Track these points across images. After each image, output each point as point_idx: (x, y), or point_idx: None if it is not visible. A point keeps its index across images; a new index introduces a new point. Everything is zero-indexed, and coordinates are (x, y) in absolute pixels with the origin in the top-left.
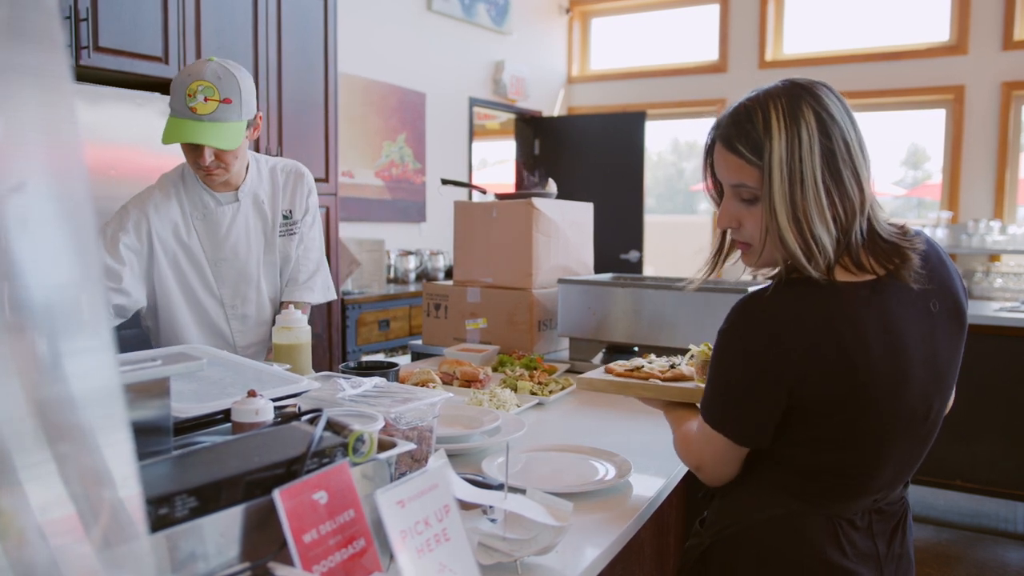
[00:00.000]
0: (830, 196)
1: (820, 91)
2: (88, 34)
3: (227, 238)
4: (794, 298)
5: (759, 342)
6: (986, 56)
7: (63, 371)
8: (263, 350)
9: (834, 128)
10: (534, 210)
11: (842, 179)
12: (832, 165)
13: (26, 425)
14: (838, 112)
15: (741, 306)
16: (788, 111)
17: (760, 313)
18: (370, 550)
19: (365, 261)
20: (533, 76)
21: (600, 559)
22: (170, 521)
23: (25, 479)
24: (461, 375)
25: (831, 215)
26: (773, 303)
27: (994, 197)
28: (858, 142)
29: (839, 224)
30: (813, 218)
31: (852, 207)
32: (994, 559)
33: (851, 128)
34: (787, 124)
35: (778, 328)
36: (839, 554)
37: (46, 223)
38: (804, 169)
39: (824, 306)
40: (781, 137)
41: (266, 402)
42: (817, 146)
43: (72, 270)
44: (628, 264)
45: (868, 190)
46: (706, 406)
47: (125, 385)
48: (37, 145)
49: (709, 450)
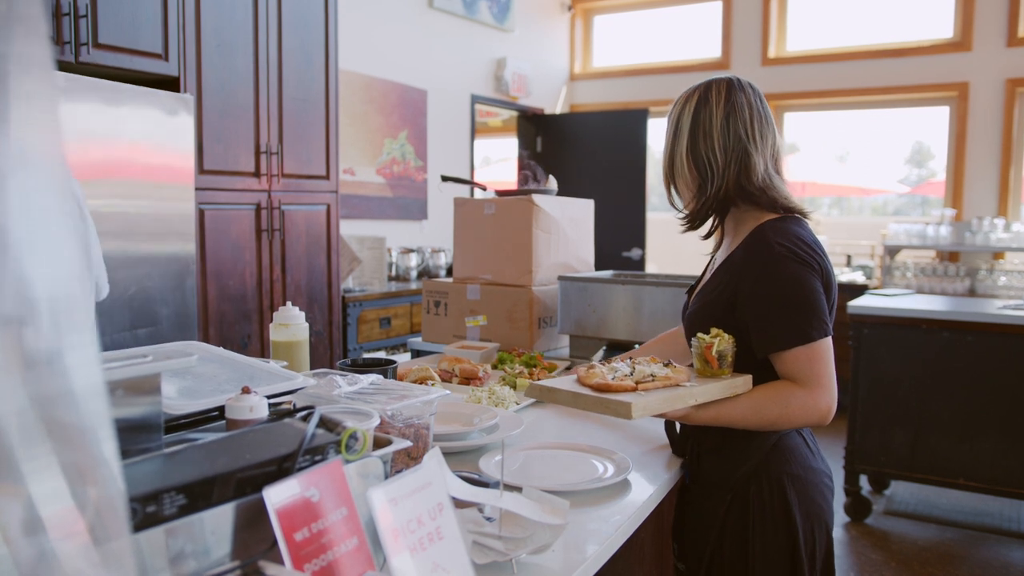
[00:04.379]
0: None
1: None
2: (88, 30)
3: None
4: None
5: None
6: (990, 53)
7: (59, 366)
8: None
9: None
10: (534, 207)
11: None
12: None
13: (27, 419)
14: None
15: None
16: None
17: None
18: (363, 549)
19: (366, 259)
20: (535, 73)
21: (598, 558)
22: (158, 519)
23: (26, 472)
24: (460, 372)
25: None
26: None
27: (998, 195)
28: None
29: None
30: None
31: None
32: (997, 558)
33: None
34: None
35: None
36: (813, 457)
37: (28, 212)
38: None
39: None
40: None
41: (260, 399)
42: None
43: (61, 261)
44: (630, 262)
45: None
46: (804, 325)
47: (115, 381)
48: (19, 136)
49: (827, 368)
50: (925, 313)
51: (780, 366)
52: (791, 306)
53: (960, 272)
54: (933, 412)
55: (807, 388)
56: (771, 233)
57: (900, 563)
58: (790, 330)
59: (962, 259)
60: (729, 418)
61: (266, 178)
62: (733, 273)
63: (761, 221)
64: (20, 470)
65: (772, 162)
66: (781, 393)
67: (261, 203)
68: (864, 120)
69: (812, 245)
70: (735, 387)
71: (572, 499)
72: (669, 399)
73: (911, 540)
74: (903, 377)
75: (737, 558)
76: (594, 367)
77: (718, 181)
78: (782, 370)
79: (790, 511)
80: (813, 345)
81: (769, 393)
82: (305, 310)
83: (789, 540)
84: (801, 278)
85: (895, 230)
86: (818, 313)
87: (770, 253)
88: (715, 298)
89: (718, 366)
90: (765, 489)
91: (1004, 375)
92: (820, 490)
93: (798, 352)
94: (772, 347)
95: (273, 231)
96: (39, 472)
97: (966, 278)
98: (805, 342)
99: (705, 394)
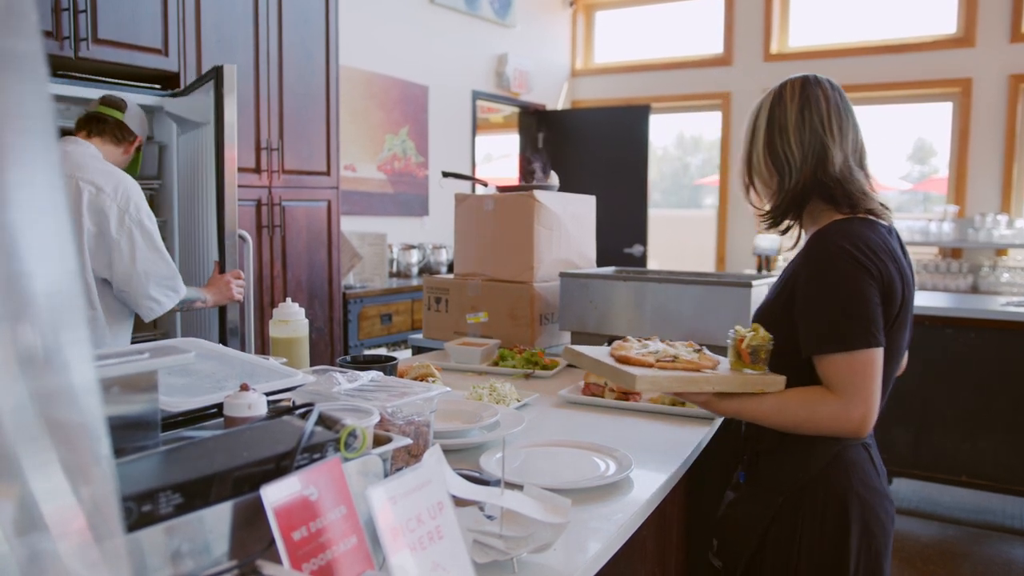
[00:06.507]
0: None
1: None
2: (87, 26)
3: None
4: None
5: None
6: (994, 48)
7: (56, 363)
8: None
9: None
10: (535, 203)
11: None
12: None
13: (26, 416)
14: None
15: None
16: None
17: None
18: (362, 548)
19: (367, 255)
20: (537, 69)
21: (599, 556)
22: (154, 518)
23: (27, 468)
24: (617, 387)
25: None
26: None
27: (1001, 191)
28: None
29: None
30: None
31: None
32: (999, 556)
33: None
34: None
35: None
36: (877, 476)
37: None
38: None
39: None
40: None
41: (259, 396)
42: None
43: (57, 257)
44: (632, 258)
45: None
46: (847, 331)
47: (111, 379)
48: (13, 130)
49: (867, 379)
50: (928, 310)
51: (820, 371)
52: (838, 310)
53: (963, 269)
54: (936, 409)
55: (841, 397)
56: (833, 232)
57: (903, 560)
58: (832, 334)
59: (965, 256)
60: (751, 413)
61: (266, 174)
62: (792, 273)
63: (830, 221)
64: (20, 466)
65: (854, 157)
66: (811, 398)
67: (262, 199)
68: (866, 116)
69: (876, 250)
70: (761, 384)
71: (573, 497)
72: (679, 380)
73: (914, 537)
74: (906, 374)
75: (779, 570)
76: (628, 340)
77: (795, 175)
78: (821, 375)
79: (847, 535)
80: (855, 353)
81: (799, 395)
82: (306, 306)
83: (838, 565)
84: (854, 282)
85: (898, 226)
86: (865, 321)
87: (827, 252)
88: (776, 298)
89: (749, 361)
90: (821, 503)
91: (1007, 372)
92: (881, 518)
93: (837, 358)
94: (815, 349)
95: (274, 227)
96: (39, 468)
97: (969, 275)
98: (846, 349)
99: (721, 384)
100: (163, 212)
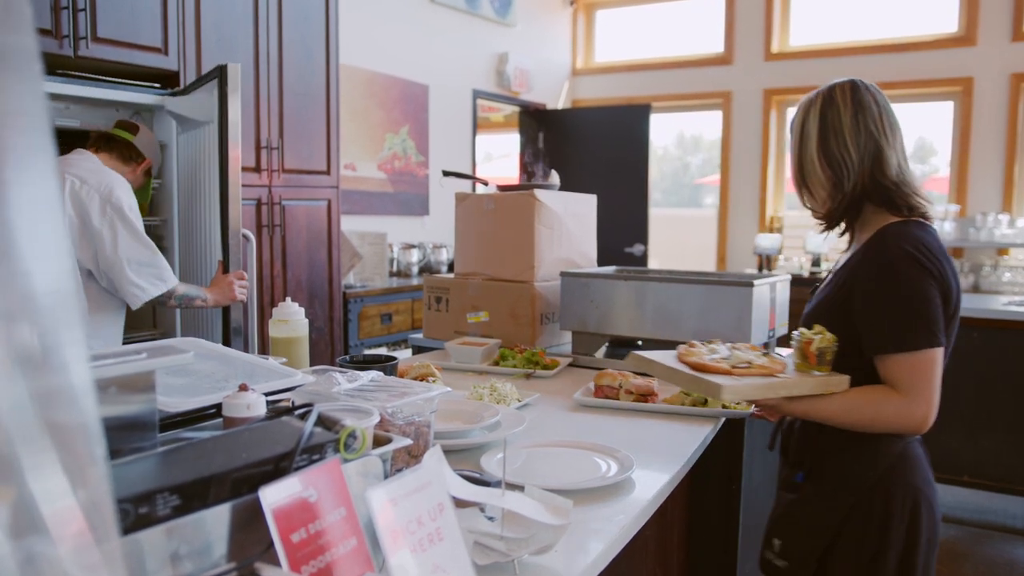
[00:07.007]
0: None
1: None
2: (86, 24)
3: None
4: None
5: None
6: (995, 47)
7: (55, 363)
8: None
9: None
10: (536, 202)
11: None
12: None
13: (26, 416)
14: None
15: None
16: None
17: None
18: (362, 550)
19: (367, 254)
20: (537, 68)
21: (601, 558)
22: (151, 520)
23: (27, 468)
24: (635, 389)
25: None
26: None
27: (1002, 190)
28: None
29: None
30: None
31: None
32: (1002, 556)
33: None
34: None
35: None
36: (931, 473)
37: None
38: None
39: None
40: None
41: (258, 396)
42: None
43: (56, 256)
44: (633, 258)
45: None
46: (912, 332)
47: (108, 379)
48: (7, 127)
49: (930, 379)
50: None
51: (883, 370)
52: (902, 310)
53: (964, 268)
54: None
55: (905, 395)
56: (893, 235)
57: None
58: (897, 335)
59: (966, 255)
60: (820, 414)
61: (266, 173)
62: (850, 273)
63: (886, 223)
64: (20, 467)
65: (903, 158)
66: (877, 397)
67: (262, 198)
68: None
69: (936, 252)
70: (829, 385)
71: (575, 498)
72: (760, 387)
73: None
74: None
75: (854, 568)
76: (695, 345)
77: (853, 177)
78: (884, 374)
79: (917, 530)
80: (918, 353)
81: (866, 395)
82: (306, 306)
83: (908, 559)
84: (918, 283)
85: None
86: (929, 321)
87: (889, 255)
88: (831, 297)
89: (816, 363)
90: (892, 501)
91: (1009, 372)
92: (937, 513)
93: (901, 359)
94: (878, 349)
95: (274, 226)
96: (39, 469)
97: (970, 274)
98: (910, 349)
99: (797, 387)
100: (163, 211)
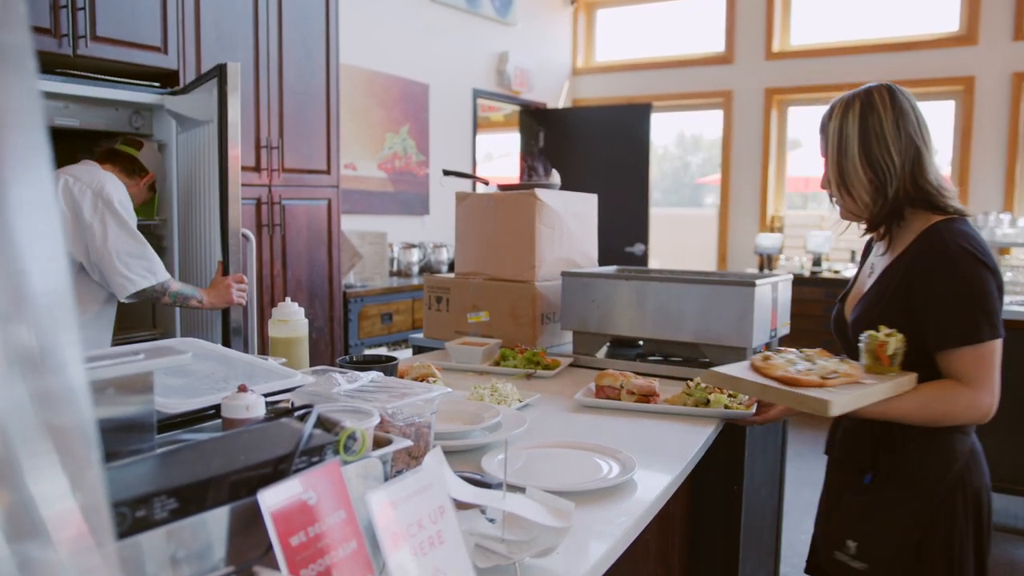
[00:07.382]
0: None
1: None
2: (86, 23)
3: None
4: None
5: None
6: (996, 47)
7: (52, 364)
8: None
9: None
10: (537, 201)
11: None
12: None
13: (26, 417)
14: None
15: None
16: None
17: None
18: (362, 553)
19: (367, 254)
20: (538, 68)
21: (603, 560)
22: (148, 523)
23: (27, 470)
24: (637, 389)
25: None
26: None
27: (1004, 190)
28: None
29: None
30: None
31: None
32: (1004, 556)
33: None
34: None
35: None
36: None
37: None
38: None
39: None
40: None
41: (257, 397)
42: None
43: (53, 256)
44: (633, 257)
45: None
46: (976, 325)
47: (105, 380)
48: (2, 125)
49: (993, 370)
50: None
51: (946, 364)
52: (967, 305)
53: None
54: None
55: (972, 387)
56: (947, 233)
57: None
58: (963, 329)
59: None
60: (896, 413)
61: (266, 172)
62: (906, 273)
63: (931, 222)
64: (20, 469)
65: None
66: (947, 391)
67: (261, 198)
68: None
69: (987, 247)
70: (903, 385)
71: (576, 499)
72: (860, 398)
73: None
74: None
75: (944, 568)
76: (770, 357)
77: (896, 182)
78: (948, 368)
79: (985, 527)
80: (982, 345)
81: (936, 391)
82: (306, 306)
83: (979, 555)
84: (979, 277)
85: None
86: (990, 314)
87: (948, 251)
88: (886, 299)
89: (889, 364)
90: (969, 499)
91: (1011, 372)
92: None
93: (966, 352)
94: (945, 344)
95: (274, 226)
96: (38, 471)
97: None
98: (976, 342)
99: (885, 392)
100: (162, 211)
